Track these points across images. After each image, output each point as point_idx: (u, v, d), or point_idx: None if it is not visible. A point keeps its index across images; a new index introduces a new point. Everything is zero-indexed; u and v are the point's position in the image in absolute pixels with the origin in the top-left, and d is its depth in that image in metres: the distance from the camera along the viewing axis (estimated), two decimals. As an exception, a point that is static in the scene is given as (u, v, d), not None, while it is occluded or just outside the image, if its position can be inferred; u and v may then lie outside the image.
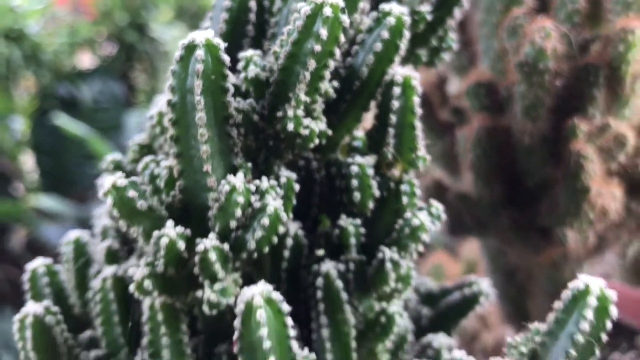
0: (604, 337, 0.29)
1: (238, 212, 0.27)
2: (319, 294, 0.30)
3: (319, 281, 0.30)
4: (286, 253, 0.31)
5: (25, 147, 3.58)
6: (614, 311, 0.29)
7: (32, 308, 0.31)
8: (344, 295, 0.30)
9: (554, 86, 0.46)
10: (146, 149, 0.34)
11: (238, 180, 0.27)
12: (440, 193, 0.50)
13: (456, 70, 0.56)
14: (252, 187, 0.28)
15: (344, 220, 0.31)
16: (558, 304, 0.31)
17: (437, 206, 0.32)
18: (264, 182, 0.28)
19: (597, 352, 0.29)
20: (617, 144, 0.46)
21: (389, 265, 0.30)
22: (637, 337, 0.76)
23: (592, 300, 0.28)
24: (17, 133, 3.57)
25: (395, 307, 0.31)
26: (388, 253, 0.30)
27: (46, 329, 0.31)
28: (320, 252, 0.32)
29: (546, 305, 0.55)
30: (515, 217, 0.45)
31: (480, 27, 0.52)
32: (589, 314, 0.28)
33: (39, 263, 0.37)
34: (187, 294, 0.29)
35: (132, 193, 0.28)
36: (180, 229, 0.28)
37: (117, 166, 0.35)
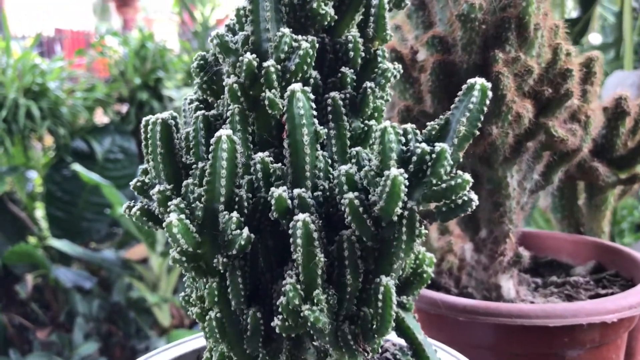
0: (485, 109, 0.43)
1: (285, 48, 0.48)
2: (330, 109, 0.51)
3: (329, 102, 0.50)
4: (308, 88, 0.52)
5: (38, 197, 3.76)
6: (489, 94, 0.42)
7: (160, 115, 0.51)
8: (343, 110, 0.51)
9: (481, 30, 0.66)
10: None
11: (287, 31, 0.49)
12: (409, 112, 0.72)
13: (422, 44, 0.79)
14: (293, 36, 0.49)
15: (344, 69, 0.52)
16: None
17: (398, 66, 0.53)
18: (300, 37, 0.50)
19: (481, 120, 0.42)
20: (525, 71, 0.66)
21: (369, 91, 0.51)
22: (572, 270, 0.95)
23: (477, 87, 0.46)
24: (31, 184, 3.76)
25: (373, 122, 0.52)
26: (369, 84, 0.51)
27: (169, 126, 0.50)
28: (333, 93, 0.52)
29: (489, 207, 0.75)
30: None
31: (437, 5, 0.75)
32: (476, 94, 0.46)
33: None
34: (255, 102, 0.50)
35: (227, 38, 0.49)
36: (253, 56, 0.48)
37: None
